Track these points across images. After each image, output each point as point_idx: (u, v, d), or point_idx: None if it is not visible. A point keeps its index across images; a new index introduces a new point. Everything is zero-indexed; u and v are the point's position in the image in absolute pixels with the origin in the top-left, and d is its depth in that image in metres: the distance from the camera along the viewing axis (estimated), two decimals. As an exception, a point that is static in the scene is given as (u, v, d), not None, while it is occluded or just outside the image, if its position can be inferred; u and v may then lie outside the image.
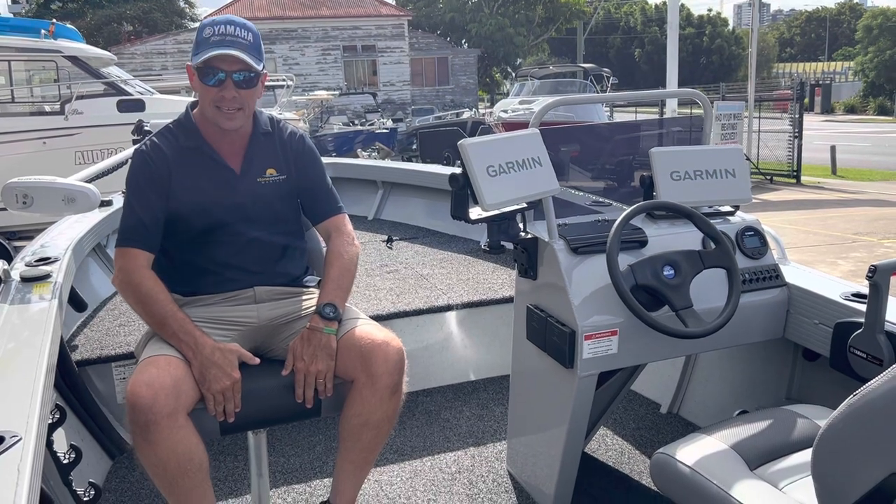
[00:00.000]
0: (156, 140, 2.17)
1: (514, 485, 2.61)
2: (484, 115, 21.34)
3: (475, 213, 2.13)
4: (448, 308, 3.39)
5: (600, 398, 2.39)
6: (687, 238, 2.29)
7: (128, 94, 9.75)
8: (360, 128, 20.32)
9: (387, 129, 20.26)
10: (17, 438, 1.49)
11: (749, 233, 2.41)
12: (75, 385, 2.66)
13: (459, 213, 2.13)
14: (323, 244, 2.36)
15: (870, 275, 1.95)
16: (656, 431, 2.95)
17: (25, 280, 2.49)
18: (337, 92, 23.22)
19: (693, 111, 10.47)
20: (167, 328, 1.99)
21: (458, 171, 2.08)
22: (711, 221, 2.25)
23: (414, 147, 19.88)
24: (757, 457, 1.78)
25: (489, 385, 3.43)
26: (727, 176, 2.44)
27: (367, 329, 2.08)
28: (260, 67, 2.10)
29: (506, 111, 20.79)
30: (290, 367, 2.02)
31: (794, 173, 14.61)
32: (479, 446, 2.90)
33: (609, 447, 2.86)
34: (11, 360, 1.91)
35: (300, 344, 2.03)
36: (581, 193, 3.50)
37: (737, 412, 2.04)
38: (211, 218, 2.13)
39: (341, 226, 2.30)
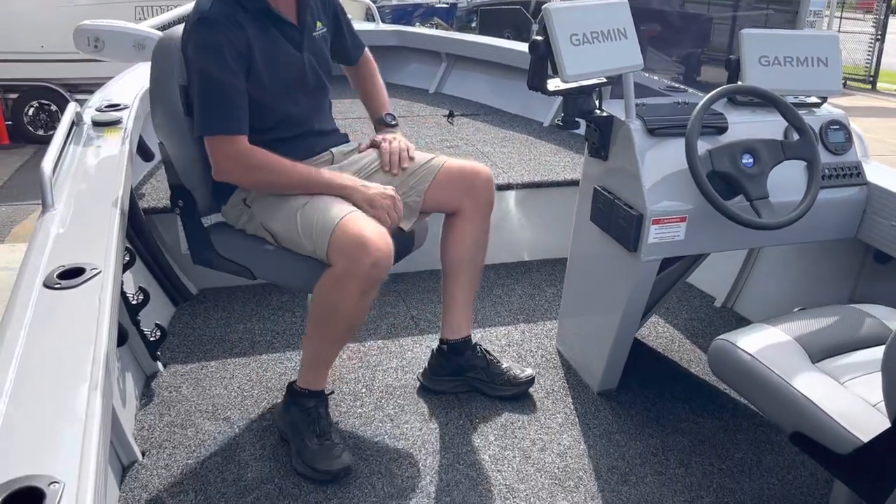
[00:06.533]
0: (218, 5, 1.91)
1: (563, 362, 2.65)
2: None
3: (553, 84, 2.06)
4: (508, 187, 3.35)
5: (658, 285, 2.37)
6: (769, 127, 2.20)
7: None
8: (419, 0, 19.72)
9: (447, 4, 19.61)
10: (97, 271, 1.55)
11: (834, 126, 2.31)
12: (142, 232, 2.72)
13: (536, 83, 2.06)
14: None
15: None
16: (709, 324, 2.95)
17: (97, 125, 2.51)
18: (398, -38, 22.39)
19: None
20: (314, 186, 2.01)
21: (539, 38, 1.99)
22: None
23: (473, 25, 19.27)
24: (820, 350, 1.77)
25: (542, 266, 3.44)
26: (819, 65, 2.31)
27: (457, 161, 2.27)
28: None
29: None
30: (370, 146, 2.26)
31: (871, 78, 13.87)
32: (529, 323, 2.93)
33: (660, 335, 2.87)
34: (87, 200, 1.96)
35: (379, 136, 2.29)
36: (656, 77, 3.37)
37: (796, 309, 2.00)
38: (291, 79, 2.06)
39: (370, 61, 2.46)
